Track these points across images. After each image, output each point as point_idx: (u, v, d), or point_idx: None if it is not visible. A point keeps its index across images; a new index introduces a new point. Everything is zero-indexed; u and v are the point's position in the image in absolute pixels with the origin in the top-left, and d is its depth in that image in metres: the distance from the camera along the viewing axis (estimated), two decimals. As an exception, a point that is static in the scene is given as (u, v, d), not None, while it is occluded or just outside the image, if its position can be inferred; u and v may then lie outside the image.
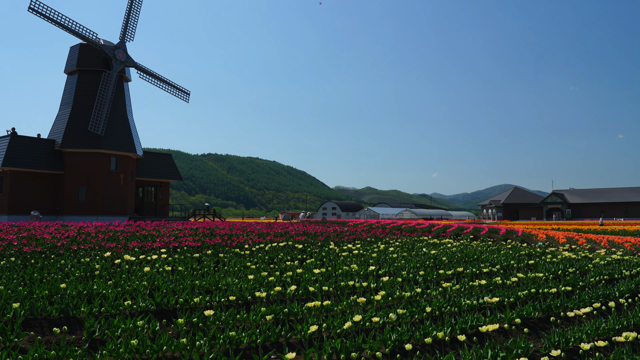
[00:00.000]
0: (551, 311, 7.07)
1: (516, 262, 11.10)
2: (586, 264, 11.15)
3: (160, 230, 14.85)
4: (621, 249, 17.25)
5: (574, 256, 12.55)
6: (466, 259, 11.66)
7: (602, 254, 13.75)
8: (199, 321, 5.69)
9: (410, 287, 7.84)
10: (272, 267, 9.21)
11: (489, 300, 7.02)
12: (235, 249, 11.25)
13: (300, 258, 10.87)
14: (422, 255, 11.97)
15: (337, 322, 5.76)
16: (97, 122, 32.24)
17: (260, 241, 13.07)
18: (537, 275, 9.29)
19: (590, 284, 8.90)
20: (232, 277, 7.97)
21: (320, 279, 8.24)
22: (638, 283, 8.89)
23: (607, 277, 9.58)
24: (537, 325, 6.59)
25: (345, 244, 13.88)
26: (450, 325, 5.88)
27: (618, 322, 6.31)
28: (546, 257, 12.41)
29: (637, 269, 10.56)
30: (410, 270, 9.58)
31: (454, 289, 7.90)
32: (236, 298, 6.82)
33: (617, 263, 11.67)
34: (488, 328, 5.52)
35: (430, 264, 10.53)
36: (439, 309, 6.68)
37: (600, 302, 7.53)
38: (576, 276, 9.50)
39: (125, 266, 8.49)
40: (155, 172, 38.37)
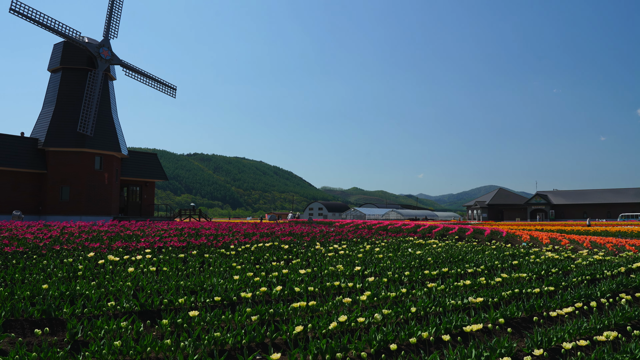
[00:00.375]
0: (534, 311, 7.15)
1: (500, 263, 11.20)
2: (569, 264, 11.30)
3: (145, 231, 14.72)
4: (603, 250, 17.50)
5: (556, 257, 12.70)
6: (451, 259, 11.75)
7: (585, 254, 13.94)
8: (183, 322, 5.65)
9: (395, 288, 7.87)
10: (258, 268, 9.18)
11: (473, 300, 7.08)
12: (221, 250, 11.19)
13: (286, 258, 10.85)
14: (408, 255, 12.03)
15: (323, 322, 5.76)
16: (86, 123, 31.89)
17: (246, 241, 13.03)
18: (521, 276, 9.39)
19: (572, 284, 9.01)
20: (218, 278, 7.94)
21: (306, 280, 8.23)
22: (619, 283, 9.03)
23: (589, 277, 9.72)
24: (520, 325, 6.66)
25: (331, 244, 13.90)
26: (435, 325, 5.92)
27: (599, 321, 6.40)
28: (530, 257, 12.55)
29: (619, 269, 10.73)
30: (396, 270, 9.62)
31: (439, 289, 7.95)
32: (221, 299, 6.79)
33: (599, 263, 11.84)
34: (472, 328, 5.56)
35: (416, 264, 10.58)
36: (424, 309, 6.72)
37: (582, 302, 7.63)
38: (559, 276, 9.62)
39: (109, 267, 8.40)
40: (141, 172, 38.04)
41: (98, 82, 32.76)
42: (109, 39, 33.87)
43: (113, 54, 34.19)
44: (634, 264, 11.45)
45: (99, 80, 32.82)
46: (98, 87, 32.70)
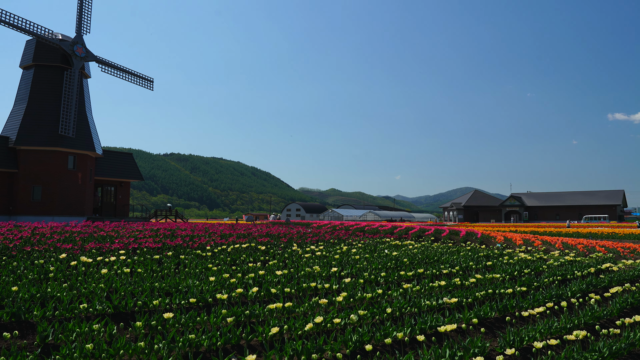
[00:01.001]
0: (507, 311, 7.27)
1: (475, 264, 11.37)
2: (541, 265, 11.53)
3: (119, 231, 14.50)
4: (574, 251, 17.90)
5: (529, 257, 12.94)
6: (427, 260, 11.87)
7: (556, 255, 14.24)
8: (157, 324, 5.59)
9: (371, 289, 7.91)
10: (234, 269, 9.13)
11: (448, 300, 7.17)
12: (197, 251, 11.10)
13: (262, 260, 10.82)
14: (384, 256, 12.11)
15: (299, 323, 5.77)
16: (67, 124, 31.32)
17: (223, 242, 12.95)
18: (495, 276, 9.55)
19: (544, 285, 9.20)
20: (193, 279, 7.87)
21: (283, 281, 8.22)
22: (589, 283, 9.25)
23: (560, 278, 9.93)
24: (493, 325, 6.77)
25: (308, 245, 13.90)
26: (410, 326, 5.98)
27: (570, 321, 6.55)
28: (503, 258, 12.76)
29: (589, 269, 10.99)
30: (372, 271, 9.68)
31: (415, 290, 8.03)
32: (197, 300, 6.73)
33: (569, 264, 12.11)
34: (446, 328, 5.64)
35: (392, 265, 10.66)
36: (399, 310, 6.78)
37: (553, 301, 7.79)
38: (531, 277, 9.81)
39: (81, 268, 8.25)
40: (115, 172, 37.45)
41: (75, 81, 32.14)
42: (81, 34, 33.20)
43: (88, 51, 33.58)
44: (603, 264, 11.75)
45: (76, 80, 32.20)
46: (76, 87, 32.09)
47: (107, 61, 34.79)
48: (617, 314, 7.46)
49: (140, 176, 39.45)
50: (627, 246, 19.45)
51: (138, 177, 39.04)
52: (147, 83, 37.04)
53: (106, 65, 34.91)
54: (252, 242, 13.43)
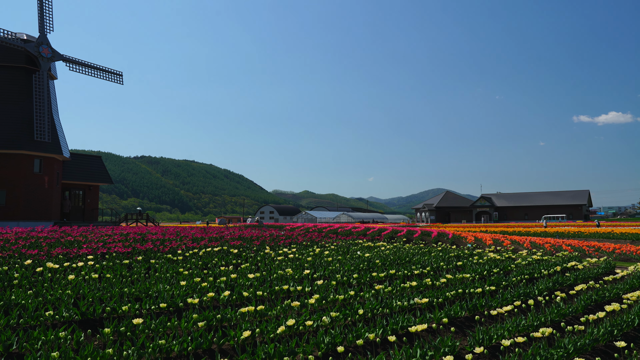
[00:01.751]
0: (477, 310, 7.40)
1: (445, 264, 11.53)
2: (509, 264, 11.77)
3: (87, 236, 14.19)
4: (541, 250, 18.34)
5: (498, 257, 13.20)
6: (399, 261, 11.98)
7: (524, 254, 14.56)
8: (127, 330, 5.49)
9: (344, 290, 7.95)
10: (206, 273, 9.05)
11: (419, 301, 7.26)
12: (168, 255, 10.95)
13: (235, 263, 10.74)
14: (357, 258, 12.18)
15: (271, 326, 5.75)
16: (42, 129, 30.51)
17: (194, 246, 12.81)
18: (465, 276, 9.70)
19: (512, 284, 9.40)
20: (164, 284, 7.76)
21: (255, 284, 8.18)
22: (555, 281, 9.50)
23: (527, 277, 10.16)
24: (463, 324, 6.88)
25: (281, 248, 13.87)
26: (381, 327, 6.03)
27: (536, 318, 6.71)
28: (473, 258, 12.98)
29: (555, 268, 11.27)
30: (345, 273, 9.72)
31: (387, 291, 8.09)
32: (167, 305, 6.65)
33: (537, 263, 12.39)
34: (417, 328, 5.71)
35: (364, 266, 10.73)
36: (371, 311, 6.82)
37: (521, 300, 7.97)
38: (500, 276, 10.00)
39: (47, 274, 8.05)
40: (84, 175, 36.63)
41: (45, 84, 31.32)
42: (45, 34, 32.35)
43: (54, 51, 32.75)
44: (569, 263, 12.07)
45: (45, 83, 31.38)
46: (46, 90, 31.29)
47: (74, 59, 34.01)
48: (582, 310, 7.67)
49: (110, 179, 38.69)
50: (592, 245, 20.03)
51: (107, 181, 38.28)
52: (117, 77, 36.36)
53: (74, 63, 34.12)
54: (225, 245, 13.33)
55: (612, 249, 18.01)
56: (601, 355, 5.94)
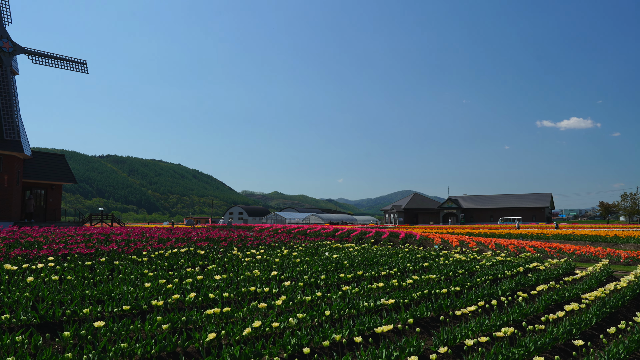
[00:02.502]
0: (442, 310, 7.51)
1: (412, 265, 11.66)
2: (474, 265, 11.99)
3: (48, 237, 13.77)
4: (505, 251, 18.76)
5: (464, 258, 13.43)
6: (366, 262, 12.06)
7: (489, 255, 14.85)
8: (87, 333, 5.35)
9: (311, 292, 7.95)
10: (172, 274, 8.90)
11: (386, 302, 7.31)
12: (133, 256, 10.73)
13: (201, 264, 10.61)
14: (325, 259, 12.20)
15: (237, 328, 5.70)
16: (11, 128, 29.46)
17: (160, 247, 12.59)
18: (431, 277, 9.83)
19: (477, 284, 9.58)
20: (128, 286, 7.60)
21: (222, 286, 8.10)
22: (518, 282, 9.72)
23: (491, 277, 10.37)
24: (429, 325, 6.97)
25: (249, 249, 13.78)
26: (348, 328, 6.05)
27: (499, 318, 6.85)
28: (440, 259, 13.17)
29: (518, 269, 11.55)
30: (313, 274, 9.72)
31: (354, 292, 8.13)
32: (131, 307, 6.51)
33: (501, 264, 12.67)
34: (383, 329, 5.75)
35: (332, 267, 10.75)
36: (338, 312, 6.84)
37: (484, 300, 8.12)
38: (465, 277, 10.18)
39: (5, 276, 7.77)
40: (46, 174, 35.58)
41: (8, 80, 30.25)
42: (4, 27, 31.29)
43: (15, 44, 31.69)
44: (531, 264, 12.39)
45: (8, 78, 30.31)
46: (10, 87, 30.24)
47: (37, 51, 32.97)
48: (543, 310, 7.88)
49: (73, 179, 37.69)
50: (553, 246, 20.62)
51: (71, 180, 37.29)
52: (81, 66, 35.42)
53: (37, 55, 33.08)
54: (191, 246, 13.15)
55: (573, 250, 18.58)
56: (560, 353, 6.11)
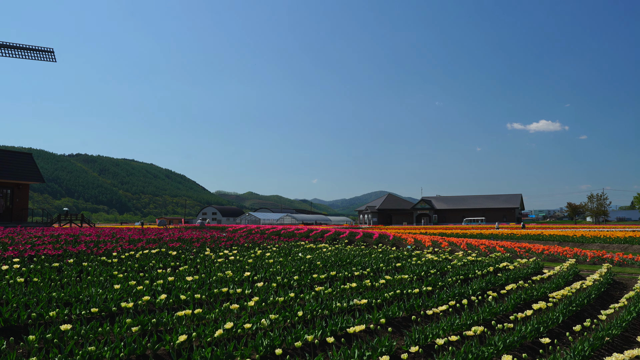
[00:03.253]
0: (414, 310, 7.58)
1: (385, 265, 11.74)
2: (446, 265, 12.15)
3: (14, 238, 13.40)
4: (476, 251, 19.07)
5: (436, 258, 13.60)
6: (340, 263, 12.09)
7: (460, 255, 15.08)
8: (54, 337, 5.22)
9: (284, 292, 7.92)
10: (142, 276, 8.76)
11: (358, 302, 7.35)
12: (102, 257, 10.52)
13: (173, 265, 10.47)
14: (298, 260, 12.18)
15: (209, 330, 5.64)
16: None
17: (131, 248, 12.38)
18: (403, 277, 9.92)
19: (448, 284, 9.70)
20: (97, 288, 7.45)
21: (194, 287, 8.01)
22: (488, 281, 9.90)
23: (462, 277, 10.52)
24: (401, 324, 7.03)
25: (222, 250, 13.66)
26: (321, 328, 6.05)
27: (469, 317, 6.96)
28: (412, 259, 13.30)
29: (488, 268, 11.75)
30: (286, 275, 9.69)
31: (327, 293, 8.14)
32: (100, 310, 6.38)
33: (472, 264, 12.87)
34: (356, 329, 5.77)
35: (305, 268, 10.75)
36: (311, 313, 6.84)
37: (455, 300, 8.24)
38: (437, 277, 10.30)
39: (-33, 279, 7.53)
40: (11, 173, 34.61)
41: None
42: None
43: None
44: (501, 263, 12.62)
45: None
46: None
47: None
48: (512, 309, 8.04)
49: (41, 178, 36.77)
50: (523, 246, 21.05)
51: (38, 179, 36.36)
52: (48, 55, 34.57)
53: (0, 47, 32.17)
54: (163, 247, 12.98)
55: (541, 250, 19.00)
56: (528, 351, 6.23)
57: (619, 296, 10.33)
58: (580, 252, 18.43)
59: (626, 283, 12.19)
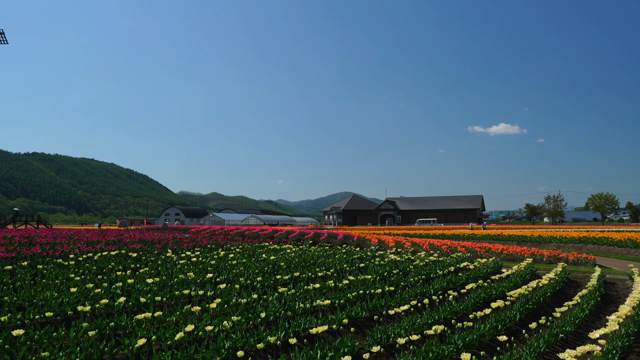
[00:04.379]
0: (376, 310, 7.65)
1: (349, 266, 11.81)
2: (408, 265, 12.31)
3: (-36, 240, 12.85)
4: (438, 251, 19.40)
5: (399, 259, 13.77)
6: (304, 263, 12.09)
7: (422, 256, 15.31)
8: (5, 343, 5.02)
9: (247, 294, 7.87)
10: (101, 278, 8.54)
11: (321, 303, 7.36)
12: (58, 260, 10.20)
13: (133, 267, 10.24)
14: (262, 261, 12.12)
15: (169, 333, 5.54)
16: None
17: (89, 250, 12.05)
18: (367, 278, 10.00)
19: (410, 284, 9.83)
20: (52, 291, 7.21)
21: (154, 289, 7.86)
22: (449, 281, 10.08)
23: (424, 277, 10.69)
24: (363, 324, 7.08)
25: (184, 251, 13.46)
26: (284, 329, 6.03)
27: (430, 317, 7.07)
28: (375, 260, 13.43)
29: (449, 268, 11.97)
30: (249, 276, 9.63)
31: (290, 294, 8.13)
32: (55, 314, 6.18)
33: (433, 264, 13.09)
34: (318, 330, 5.78)
35: (269, 269, 10.70)
36: (274, 314, 6.81)
37: (417, 299, 8.36)
38: (400, 277, 10.43)
39: None
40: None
41: None
42: None
43: None
44: (462, 263, 12.88)
45: None
46: None
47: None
48: (472, 308, 8.21)
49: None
50: (483, 246, 21.54)
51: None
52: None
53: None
54: (123, 249, 12.68)
55: (501, 250, 19.49)
56: (486, 349, 6.38)
57: (573, 294, 10.69)
58: (537, 251, 18.99)
59: (580, 281, 12.64)
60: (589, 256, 17.40)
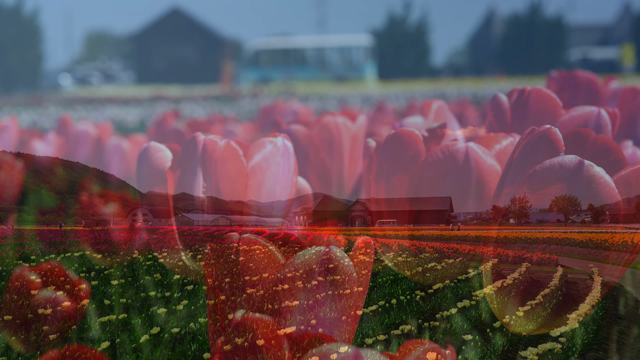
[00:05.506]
0: (344, 311, 7.66)
1: (318, 267, 11.81)
2: (377, 266, 12.40)
3: None
4: (407, 252, 19.62)
5: (367, 259, 13.85)
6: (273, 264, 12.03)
7: (391, 256, 15.44)
8: (-40, 348, 4.83)
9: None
10: (63, 280, 8.31)
11: (290, 304, 7.33)
12: (19, 261, 9.90)
13: (98, 269, 10.02)
14: (231, 262, 12.01)
15: (134, 335, 5.44)
16: None
17: (52, 251, 11.73)
18: (335, 278, 10.01)
19: (379, 284, 9.92)
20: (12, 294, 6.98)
21: (119, 291, 7.69)
22: (417, 281, 10.22)
23: (392, 277, 10.79)
24: (332, 325, 7.09)
25: (151, 252, 13.24)
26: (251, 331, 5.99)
27: (398, 317, 7.14)
28: (345, 261, 13.47)
29: (417, 269, 12.13)
30: (217, 277, 9.53)
31: (259, 295, 8.07)
32: (14, 317, 5.97)
33: (402, 265, 13.22)
34: (286, 331, 5.75)
35: (238, 271, 10.60)
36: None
37: (385, 300, 8.42)
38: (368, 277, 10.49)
39: None
40: None
41: None
42: None
43: None
44: (430, 264, 13.07)
45: None
46: None
47: None
48: (439, 308, 8.33)
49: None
50: (451, 247, 21.93)
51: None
52: None
53: None
54: (87, 249, 12.39)
55: (468, 250, 19.86)
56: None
57: (536, 293, 10.96)
58: (503, 252, 19.42)
59: (543, 281, 12.97)
60: (552, 256, 17.91)
